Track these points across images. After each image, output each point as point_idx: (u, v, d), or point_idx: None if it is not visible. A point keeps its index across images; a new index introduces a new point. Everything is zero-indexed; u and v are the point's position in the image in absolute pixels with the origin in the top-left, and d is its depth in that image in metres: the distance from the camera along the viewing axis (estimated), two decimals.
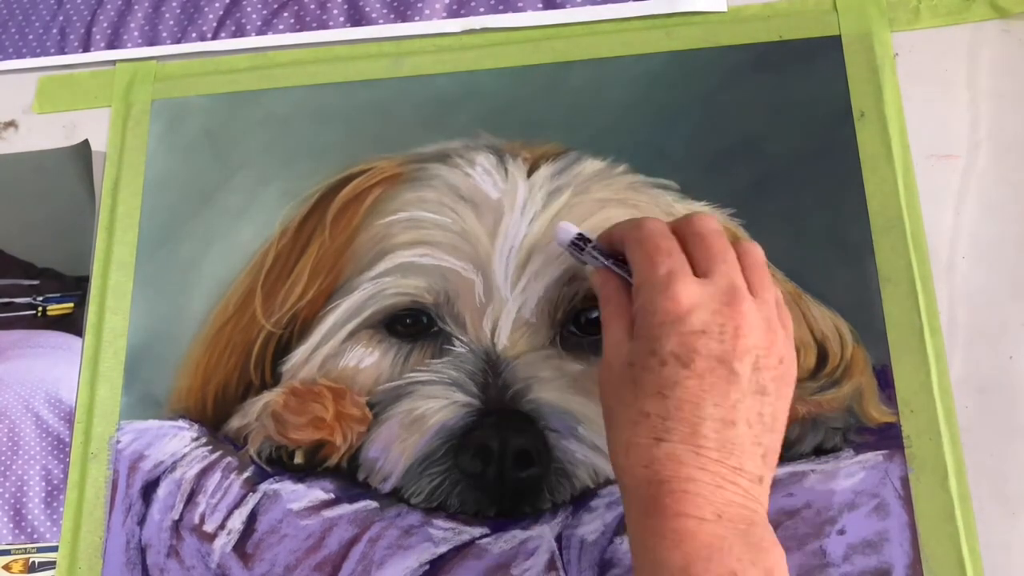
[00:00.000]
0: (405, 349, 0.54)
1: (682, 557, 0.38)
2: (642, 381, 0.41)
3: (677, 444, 0.40)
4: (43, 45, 0.69)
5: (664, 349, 0.41)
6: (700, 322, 0.41)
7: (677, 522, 0.39)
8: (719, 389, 0.40)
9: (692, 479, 0.39)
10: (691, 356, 0.40)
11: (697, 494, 0.39)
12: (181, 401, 0.57)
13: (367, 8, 0.65)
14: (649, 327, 0.42)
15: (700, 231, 0.45)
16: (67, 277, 0.62)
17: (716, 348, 0.41)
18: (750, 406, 0.41)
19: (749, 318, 0.41)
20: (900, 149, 0.55)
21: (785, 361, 0.43)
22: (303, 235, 0.58)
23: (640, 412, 0.41)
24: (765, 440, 0.41)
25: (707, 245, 0.44)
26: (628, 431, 0.41)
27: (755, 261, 0.45)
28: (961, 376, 0.51)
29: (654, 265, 0.43)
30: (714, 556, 0.38)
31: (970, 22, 0.58)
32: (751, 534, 0.39)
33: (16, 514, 0.57)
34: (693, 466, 0.39)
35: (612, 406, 0.43)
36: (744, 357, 0.41)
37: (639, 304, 0.43)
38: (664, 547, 0.38)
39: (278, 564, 0.52)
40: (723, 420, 0.40)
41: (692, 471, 0.39)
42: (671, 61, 0.60)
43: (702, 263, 0.43)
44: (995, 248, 0.53)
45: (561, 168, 0.56)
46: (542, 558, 0.50)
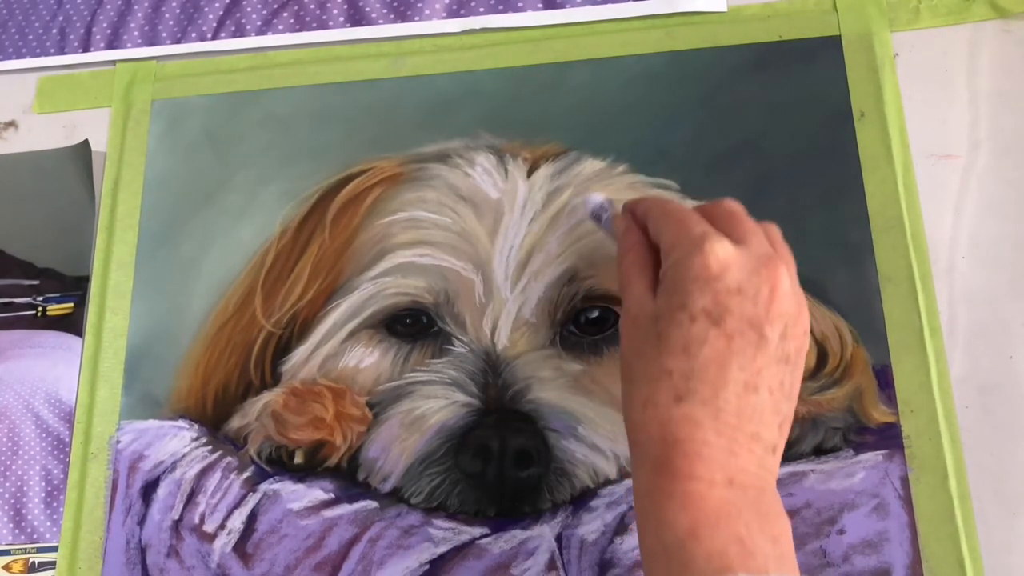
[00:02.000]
0: (405, 349, 0.54)
1: (689, 519, 0.37)
2: (668, 336, 0.40)
3: (697, 406, 0.39)
4: (43, 45, 0.69)
5: (696, 305, 0.40)
6: (735, 281, 0.40)
7: (688, 484, 0.38)
8: (747, 353, 0.40)
9: (707, 443, 0.39)
10: (723, 315, 0.40)
11: (710, 458, 0.39)
12: (181, 401, 0.57)
13: (367, 8, 0.65)
14: (682, 281, 0.41)
15: (731, 210, 0.45)
16: (67, 277, 0.62)
17: (749, 310, 0.40)
18: (774, 373, 0.40)
19: (783, 285, 0.41)
20: (900, 149, 0.55)
21: (807, 333, 0.42)
22: (303, 235, 0.58)
23: (662, 369, 0.40)
24: (784, 408, 0.41)
25: (738, 220, 0.44)
26: (647, 387, 0.41)
27: (779, 236, 0.45)
28: (961, 376, 0.51)
29: (687, 226, 0.43)
30: (722, 521, 0.37)
31: (970, 22, 0.58)
32: (761, 501, 0.39)
33: (16, 514, 0.57)
34: (710, 429, 0.39)
35: (631, 360, 0.42)
36: (776, 322, 0.40)
37: (672, 261, 0.42)
38: (672, 507, 0.38)
39: (278, 564, 0.52)
40: (746, 385, 0.39)
41: (708, 434, 0.39)
42: (671, 61, 0.60)
43: (733, 233, 0.43)
44: (995, 248, 0.53)
45: (561, 168, 0.56)
46: (542, 558, 0.50)
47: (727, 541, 0.37)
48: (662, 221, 0.44)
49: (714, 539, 0.37)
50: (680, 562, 0.37)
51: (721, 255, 0.41)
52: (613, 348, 0.53)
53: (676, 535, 0.37)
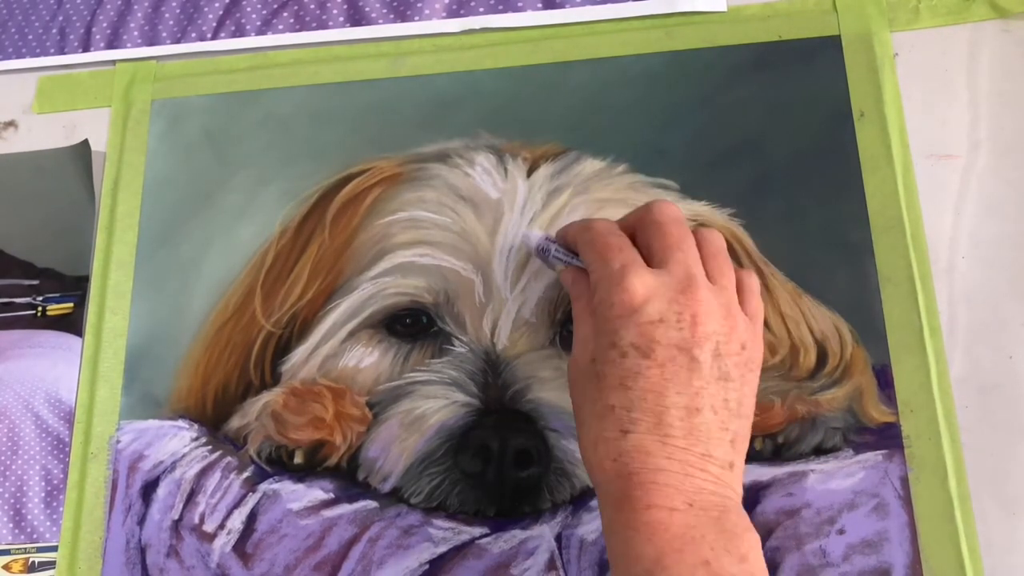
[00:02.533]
0: (405, 349, 0.54)
1: (655, 549, 0.38)
2: (605, 374, 0.41)
3: (643, 435, 0.40)
4: (43, 45, 0.69)
5: (623, 341, 0.41)
6: (657, 311, 0.41)
7: (648, 514, 0.39)
8: (681, 377, 0.40)
9: (661, 469, 0.39)
10: (651, 346, 0.41)
11: (667, 484, 0.39)
12: (181, 401, 0.57)
13: (367, 8, 0.65)
14: (607, 320, 0.42)
15: (657, 219, 0.45)
16: (67, 277, 0.62)
17: (675, 336, 0.41)
18: (714, 393, 0.41)
19: (706, 305, 0.41)
20: (900, 149, 0.55)
21: (748, 347, 0.43)
22: (303, 235, 0.58)
23: (605, 406, 0.41)
24: (732, 426, 0.41)
25: (664, 233, 0.44)
26: (595, 426, 0.42)
27: (714, 248, 0.45)
28: (961, 376, 0.51)
29: (606, 261, 0.43)
30: (687, 547, 0.38)
31: (970, 22, 0.58)
32: (724, 521, 0.39)
33: (16, 514, 0.57)
34: (661, 456, 0.40)
35: (580, 403, 0.43)
36: (704, 344, 0.41)
37: (596, 300, 0.43)
38: (638, 540, 0.38)
39: (278, 564, 0.52)
40: (687, 408, 0.40)
41: (660, 461, 0.40)
42: (671, 61, 0.60)
43: (659, 252, 0.43)
44: (995, 248, 0.53)
45: (561, 168, 0.56)
46: (542, 558, 0.50)
47: (694, 567, 0.37)
48: (586, 253, 0.45)
49: (680, 566, 0.37)
50: None
51: (639, 289, 0.41)
52: None
53: (643, 566, 0.38)
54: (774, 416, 0.50)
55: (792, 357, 0.52)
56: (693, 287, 0.42)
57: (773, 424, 0.50)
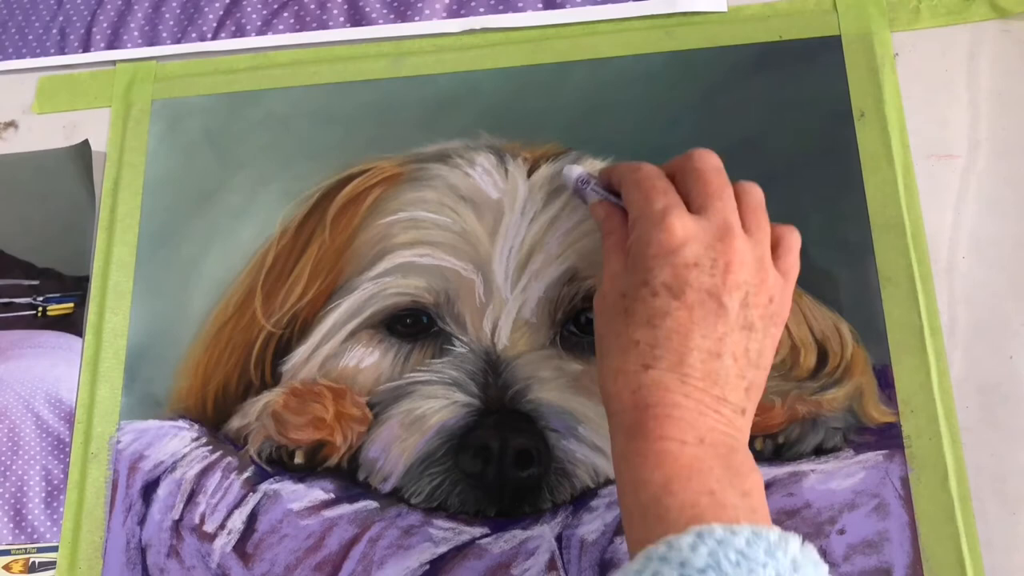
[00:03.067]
0: (405, 349, 0.54)
1: (663, 475, 0.39)
2: (633, 310, 0.42)
3: (664, 371, 0.41)
4: (43, 45, 0.69)
5: (656, 280, 0.42)
6: (692, 255, 0.42)
7: (660, 444, 0.40)
8: (707, 321, 0.41)
9: (677, 404, 0.41)
10: (682, 288, 0.42)
11: (680, 419, 0.40)
12: (181, 401, 0.57)
13: (367, 8, 0.65)
14: (643, 258, 0.43)
15: (699, 166, 0.46)
16: (67, 277, 0.62)
17: (707, 281, 0.42)
18: (737, 340, 0.42)
19: (740, 255, 0.43)
20: (900, 149, 0.55)
21: (775, 301, 0.44)
22: (303, 235, 0.58)
23: (630, 340, 0.42)
24: (749, 374, 0.42)
25: (705, 181, 0.45)
26: (618, 358, 0.43)
27: (753, 201, 0.46)
28: (961, 376, 0.51)
29: (650, 201, 0.44)
30: (694, 476, 0.39)
31: (970, 22, 0.58)
32: (731, 459, 0.40)
33: (16, 514, 0.57)
34: (678, 392, 0.41)
35: (604, 335, 0.44)
36: (733, 292, 0.42)
37: (634, 237, 0.44)
38: (646, 467, 0.40)
39: (278, 564, 0.52)
40: (709, 351, 0.41)
41: (677, 397, 0.41)
42: (671, 61, 0.60)
43: (698, 199, 0.44)
44: (995, 248, 0.53)
45: (561, 168, 0.56)
46: (542, 558, 0.50)
47: (699, 493, 0.38)
48: (631, 192, 0.46)
49: (686, 492, 0.38)
50: (655, 516, 0.38)
51: (679, 231, 0.43)
52: None
53: (651, 491, 0.39)
54: (774, 416, 0.50)
55: (792, 357, 0.52)
56: (730, 236, 0.43)
57: (773, 424, 0.50)
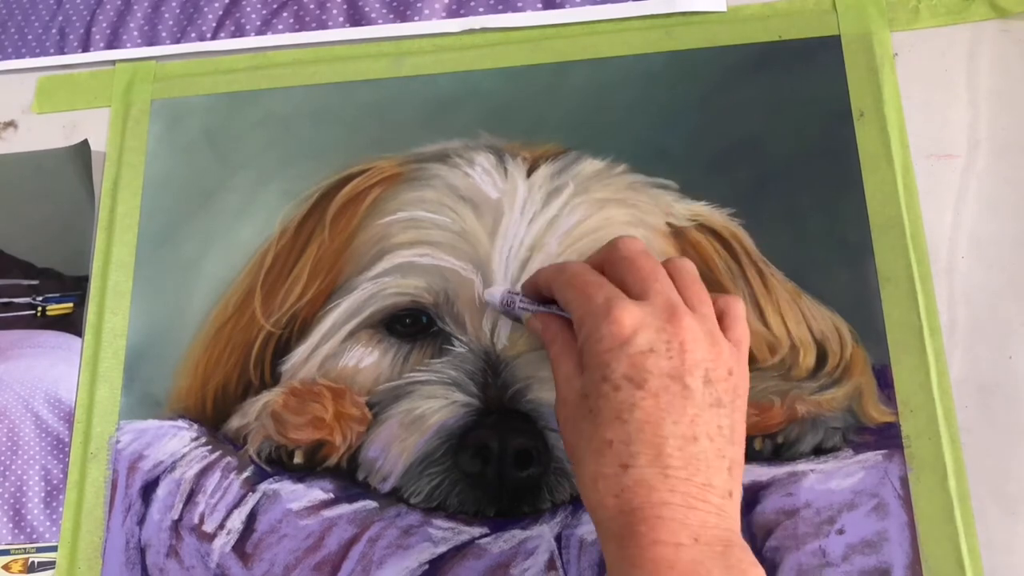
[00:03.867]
0: (405, 349, 0.54)
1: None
2: (599, 409, 0.41)
3: (644, 468, 0.39)
4: (43, 45, 0.69)
5: (616, 374, 0.41)
6: (646, 341, 0.41)
7: (654, 550, 0.38)
8: (676, 406, 0.40)
9: (665, 503, 0.39)
10: (643, 376, 0.40)
11: (671, 518, 0.39)
12: (181, 401, 0.57)
13: (367, 8, 0.65)
14: (597, 355, 0.41)
15: (627, 254, 0.45)
16: (67, 277, 0.62)
17: (666, 365, 0.40)
18: (708, 419, 0.40)
19: (692, 332, 0.41)
20: (900, 149, 0.55)
21: (734, 373, 0.42)
22: (303, 235, 0.58)
23: (602, 441, 0.40)
24: (728, 453, 0.41)
25: (637, 267, 0.44)
26: (593, 462, 0.41)
27: (688, 277, 0.45)
28: (961, 376, 0.51)
29: (589, 297, 0.43)
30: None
31: (970, 22, 0.58)
32: (729, 556, 0.39)
33: (16, 514, 0.57)
34: (664, 489, 0.39)
35: (574, 442, 0.43)
36: (694, 371, 0.41)
37: (584, 336, 0.43)
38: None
39: (277, 564, 0.52)
40: (684, 437, 0.40)
41: (663, 495, 0.39)
42: (671, 61, 0.60)
43: (635, 285, 0.43)
44: (995, 248, 0.53)
45: (561, 168, 0.56)
46: (541, 558, 0.50)
47: None
48: (566, 293, 0.45)
49: None
50: None
51: (627, 320, 0.41)
52: None
53: None
54: (774, 416, 0.50)
55: (792, 357, 0.52)
56: (678, 315, 0.41)
57: (773, 424, 0.50)
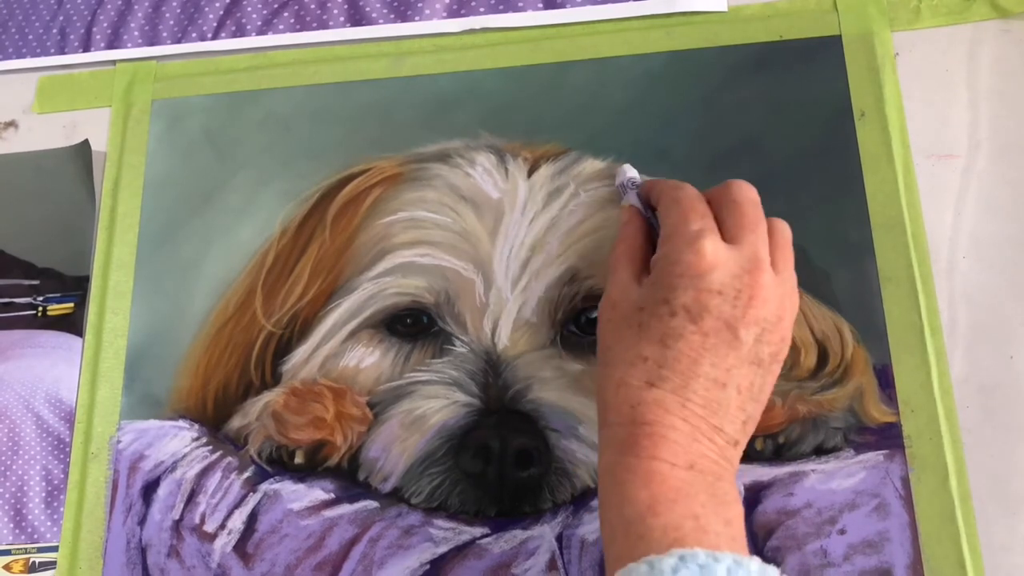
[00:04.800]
0: (405, 349, 0.54)
1: (649, 495, 0.39)
2: (648, 326, 0.43)
3: (667, 392, 0.41)
4: (43, 45, 0.69)
5: (677, 300, 0.42)
6: (718, 282, 0.42)
7: (651, 464, 0.40)
8: (720, 351, 0.42)
9: (673, 427, 0.41)
10: (701, 313, 0.42)
11: (675, 442, 0.41)
12: (181, 401, 0.57)
13: (367, 8, 0.65)
14: (668, 276, 0.43)
15: (737, 198, 0.46)
16: (67, 277, 0.62)
17: (727, 311, 0.42)
18: (744, 374, 0.42)
19: (765, 290, 0.43)
20: (900, 149, 0.55)
21: (785, 340, 0.44)
22: (303, 235, 0.58)
23: (638, 355, 0.42)
24: (749, 408, 0.43)
25: (741, 212, 0.45)
26: (622, 370, 0.43)
27: (783, 239, 0.46)
28: (962, 376, 0.51)
29: (686, 220, 0.45)
30: (680, 499, 0.39)
31: (970, 22, 0.58)
32: (717, 487, 0.41)
33: (16, 514, 0.57)
34: (677, 416, 0.41)
35: (610, 344, 0.44)
36: (751, 326, 0.42)
37: (663, 253, 0.44)
38: (634, 484, 0.40)
39: (278, 564, 0.52)
40: (715, 380, 0.41)
41: (675, 420, 0.41)
42: (671, 61, 0.60)
43: (732, 229, 0.45)
44: (995, 248, 0.53)
45: (561, 168, 0.56)
46: (543, 558, 0.50)
47: (683, 517, 0.39)
48: (669, 208, 0.46)
49: (671, 514, 0.39)
50: (637, 535, 0.38)
51: (709, 255, 0.43)
52: None
53: (636, 509, 0.39)
54: (775, 416, 0.50)
55: (793, 357, 0.52)
56: (758, 270, 0.43)
57: (774, 424, 0.50)
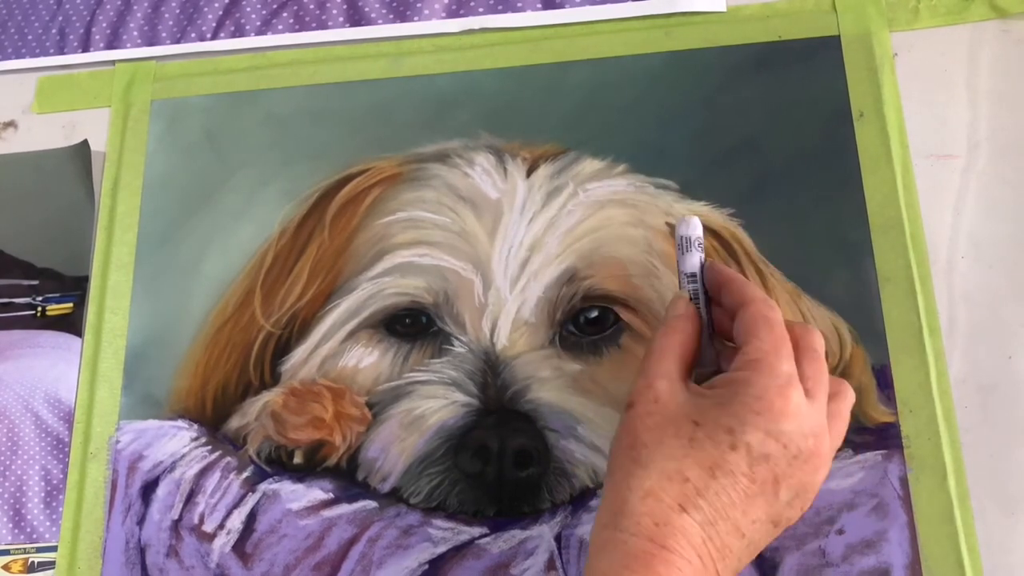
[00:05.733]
0: (404, 349, 0.54)
1: None
2: (700, 446, 0.40)
3: (696, 524, 0.39)
4: (43, 45, 0.69)
5: (744, 436, 0.40)
6: (787, 435, 0.40)
7: None
8: (756, 504, 0.40)
9: (690, 562, 0.39)
10: (760, 460, 0.40)
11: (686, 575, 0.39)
12: (180, 401, 0.57)
13: (366, 8, 0.65)
14: (742, 407, 0.40)
15: (816, 347, 0.44)
16: (66, 277, 0.62)
17: (782, 467, 0.40)
18: (760, 530, 0.41)
19: (820, 459, 0.41)
20: (899, 149, 0.55)
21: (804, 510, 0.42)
22: (302, 235, 0.58)
23: (679, 472, 0.40)
24: (744, 561, 0.41)
25: (818, 368, 0.43)
26: (656, 481, 0.40)
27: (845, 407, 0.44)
28: (960, 376, 0.51)
29: (779, 356, 0.42)
30: None
31: (969, 22, 0.58)
32: None
33: (16, 514, 0.57)
34: (696, 551, 0.39)
35: (647, 443, 0.41)
36: (793, 488, 0.41)
37: (742, 377, 0.42)
38: None
39: (277, 564, 0.52)
40: (737, 528, 0.40)
41: (693, 555, 0.39)
42: (670, 61, 0.60)
43: (809, 383, 0.42)
44: (994, 248, 0.53)
45: (560, 168, 0.56)
46: (541, 558, 0.50)
47: None
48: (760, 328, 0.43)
49: None
50: None
51: (792, 408, 0.40)
52: (612, 348, 0.53)
53: None
54: None
55: None
56: (823, 437, 0.41)
57: None
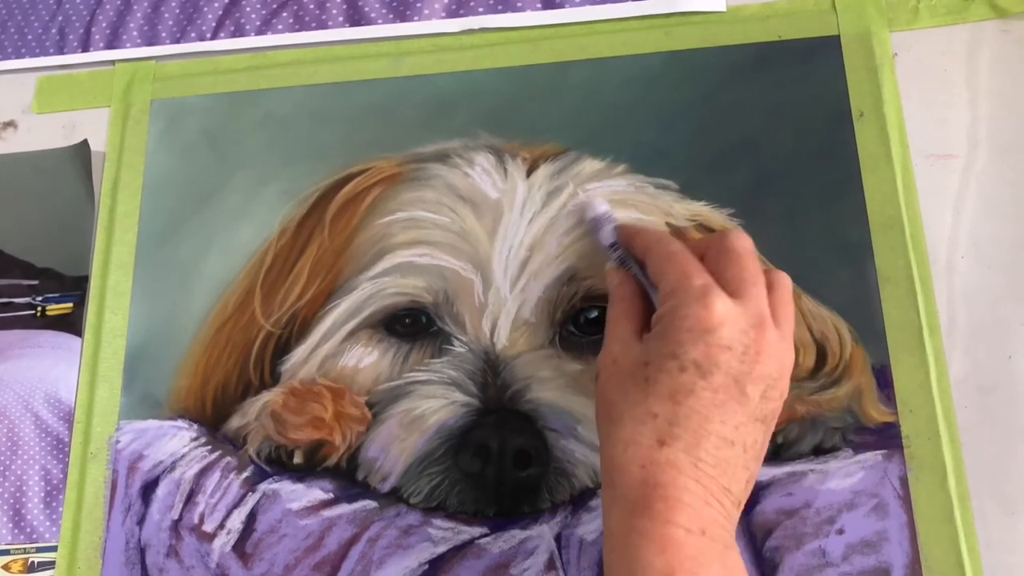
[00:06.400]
0: (404, 349, 0.54)
1: (666, 563, 0.38)
2: (656, 381, 0.42)
3: (679, 452, 0.40)
4: (42, 45, 0.69)
5: (687, 355, 0.41)
6: (728, 337, 0.41)
7: (666, 528, 0.39)
8: (729, 408, 0.41)
9: (687, 489, 0.40)
10: (711, 368, 0.41)
11: (689, 505, 0.39)
12: (180, 401, 0.57)
13: (366, 8, 0.65)
14: (676, 331, 0.42)
15: (736, 248, 0.45)
16: (66, 277, 0.62)
17: (736, 367, 0.41)
18: (749, 431, 0.41)
19: (770, 346, 0.42)
20: (899, 149, 0.55)
21: (783, 395, 0.43)
22: (302, 235, 0.58)
23: (647, 412, 0.41)
24: (752, 467, 0.42)
25: (742, 265, 0.44)
26: (630, 428, 0.41)
27: (784, 293, 0.45)
28: (960, 376, 0.51)
29: (688, 276, 0.43)
30: (698, 570, 0.38)
31: (969, 22, 0.58)
32: (727, 557, 0.40)
33: (15, 514, 0.57)
34: (690, 477, 0.40)
35: (615, 401, 0.43)
36: (758, 382, 0.41)
37: (669, 307, 0.43)
38: (649, 550, 0.39)
39: (277, 564, 0.52)
40: (724, 439, 0.41)
41: (688, 481, 0.40)
42: (670, 61, 0.60)
43: (733, 282, 0.43)
44: (994, 248, 0.53)
45: (560, 168, 0.56)
46: (541, 558, 0.50)
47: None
48: (665, 264, 0.45)
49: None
50: None
51: (719, 311, 0.42)
52: None
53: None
54: None
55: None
56: (764, 326, 0.42)
57: None
